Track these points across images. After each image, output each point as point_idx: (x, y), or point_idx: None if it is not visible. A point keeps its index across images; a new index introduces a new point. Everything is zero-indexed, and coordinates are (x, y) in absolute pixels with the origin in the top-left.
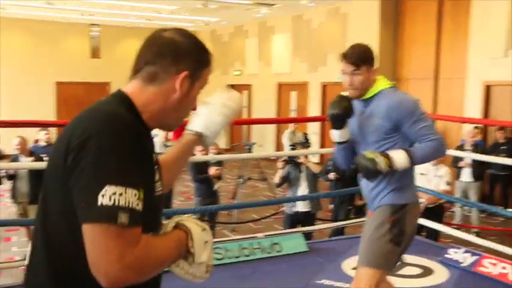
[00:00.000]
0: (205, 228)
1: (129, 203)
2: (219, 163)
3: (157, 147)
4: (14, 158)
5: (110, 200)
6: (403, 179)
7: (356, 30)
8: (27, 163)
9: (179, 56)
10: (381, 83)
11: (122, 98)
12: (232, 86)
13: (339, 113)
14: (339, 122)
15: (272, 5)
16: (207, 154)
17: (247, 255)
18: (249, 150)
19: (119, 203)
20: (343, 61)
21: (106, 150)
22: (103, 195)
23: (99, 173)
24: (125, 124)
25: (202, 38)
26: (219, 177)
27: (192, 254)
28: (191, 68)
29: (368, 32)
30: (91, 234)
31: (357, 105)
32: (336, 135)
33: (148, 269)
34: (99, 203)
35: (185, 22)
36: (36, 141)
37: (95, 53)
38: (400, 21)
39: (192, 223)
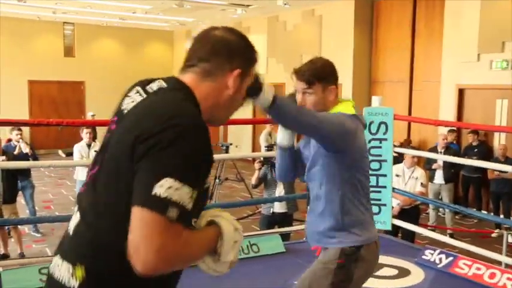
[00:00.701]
0: (238, 227)
1: (181, 200)
2: None
3: None
4: None
5: (165, 192)
6: (347, 218)
7: (331, 32)
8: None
9: (232, 55)
10: (343, 108)
11: (186, 89)
12: None
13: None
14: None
15: (247, 6)
16: None
17: None
18: (226, 151)
19: (172, 197)
20: (295, 77)
21: (178, 144)
22: (161, 186)
23: (164, 163)
24: (201, 123)
25: (177, 37)
26: None
27: (219, 253)
28: (242, 66)
29: (343, 34)
30: (139, 218)
31: None
32: (279, 137)
33: (181, 263)
34: (154, 192)
35: (160, 22)
36: (9, 140)
37: (69, 52)
38: (375, 24)
39: (226, 222)
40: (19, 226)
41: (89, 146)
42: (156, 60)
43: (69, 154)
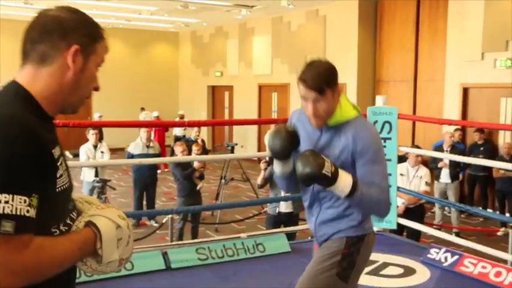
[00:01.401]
0: (120, 225)
1: (15, 211)
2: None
3: (139, 148)
4: None
5: None
6: (362, 213)
7: (335, 32)
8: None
9: (67, 31)
10: (347, 110)
11: (17, 92)
12: (214, 87)
13: (279, 150)
14: (280, 156)
15: (252, 6)
16: (189, 154)
17: (230, 256)
18: (231, 151)
19: (3, 211)
20: (303, 86)
21: None
22: None
23: None
24: (16, 128)
25: (182, 39)
26: (201, 177)
27: (100, 255)
28: (81, 42)
29: (347, 34)
30: None
31: (310, 128)
32: (277, 168)
33: (38, 273)
34: None
35: (165, 23)
36: None
37: None
38: (379, 23)
39: (104, 222)
40: None
41: (95, 147)
42: (162, 61)
43: (76, 155)
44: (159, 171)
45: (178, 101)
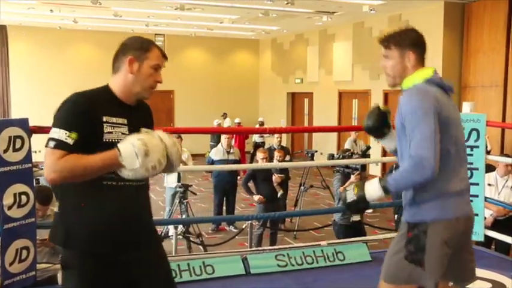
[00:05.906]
0: (135, 144)
1: (58, 137)
2: (282, 171)
3: (220, 154)
4: None
5: (50, 135)
6: (420, 193)
7: None
8: None
9: (125, 50)
10: (418, 75)
11: (104, 86)
12: (293, 94)
13: (371, 126)
14: (374, 133)
15: (333, 13)
16: (271, 161)
17: (310, 263)
18: (311, 158)
19: (52, 136)
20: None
21: (59, 111)
22: (50, 133)
23: (53, 122)
24: (73, 100)
25: (263, 46)
26: (281, 184)
27: (123, 165)
28: (134, 54)
29: (431, 38)
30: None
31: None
32: (385, 146)
33: (68, 172)
34: (49, 137)
35: (246, 31)
36: None
37: None
38: (466, 26)
39: (124, 143)
40: None
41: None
42: (243, 68)
43: None
44: (238, 177)
45: (259, 108)
